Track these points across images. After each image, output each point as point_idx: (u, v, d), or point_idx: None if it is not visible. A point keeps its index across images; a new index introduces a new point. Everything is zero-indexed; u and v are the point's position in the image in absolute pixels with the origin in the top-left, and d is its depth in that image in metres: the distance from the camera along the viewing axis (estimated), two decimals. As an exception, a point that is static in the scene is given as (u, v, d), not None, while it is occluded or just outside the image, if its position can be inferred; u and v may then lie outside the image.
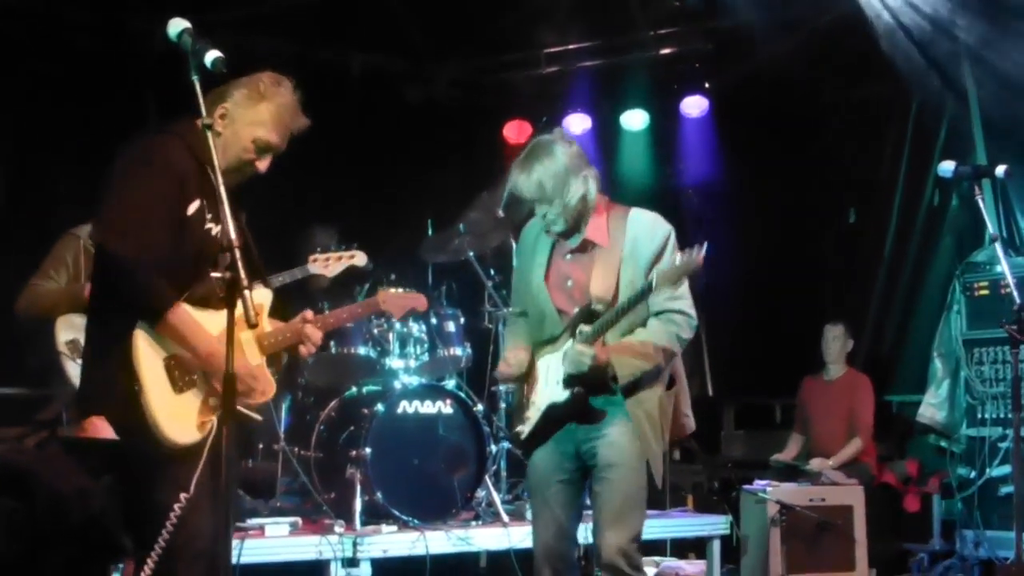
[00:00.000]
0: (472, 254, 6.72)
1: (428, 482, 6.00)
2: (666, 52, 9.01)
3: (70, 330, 5.49)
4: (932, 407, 7.70)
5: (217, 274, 3.57)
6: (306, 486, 6.19)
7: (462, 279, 7.01)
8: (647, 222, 4.21)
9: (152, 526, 3.35)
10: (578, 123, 9.20)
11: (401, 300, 4.84)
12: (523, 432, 4.33)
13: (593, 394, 4.18)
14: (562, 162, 4.15)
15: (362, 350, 6.46)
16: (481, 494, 6.23)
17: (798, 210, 9.08)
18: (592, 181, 4.21)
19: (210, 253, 3.60)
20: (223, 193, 3.32)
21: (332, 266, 5.94)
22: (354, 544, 5.42)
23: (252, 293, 3.19)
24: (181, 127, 3.67)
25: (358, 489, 5.75)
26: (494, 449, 6.36)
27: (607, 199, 4.32)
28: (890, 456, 8.03)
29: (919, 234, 8.55)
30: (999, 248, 5.27)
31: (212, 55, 3.30)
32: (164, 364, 3.53)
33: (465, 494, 6.06)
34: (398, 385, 6.16)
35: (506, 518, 5.98)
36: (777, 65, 8.69)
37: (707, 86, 9.08)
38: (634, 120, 9.41)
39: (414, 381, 6.24)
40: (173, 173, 3.55)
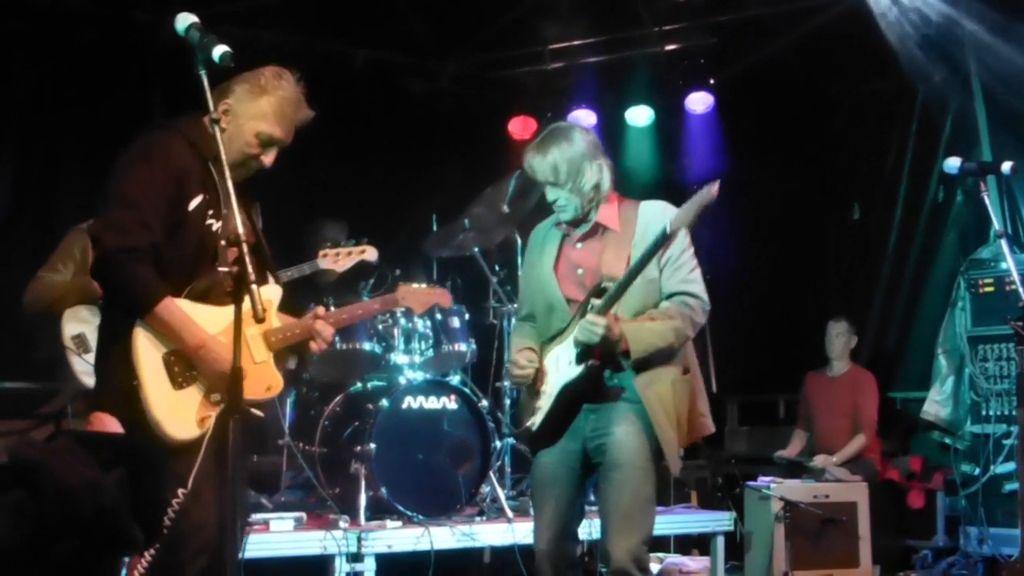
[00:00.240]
0: (477, 249, 6.71)
1: (432, 478, 5.98)
2: (671, 48, 9.00)
3: (76, 325, 5.52)
4: (936, 404, 7.69)
5: (224, 269, 3.57)
6: (311, 481, 6.20)
7: (467, 274, 6.99)
8: (658, 208, 4.16)
9: (158, 520, 3.35)
10: (583, 119, 9.15)
11: (423, 296, 4.70)
12: (535, 423, 4.23)
13: (607, 367, 4.09)
14: (579, 147, 4.15)
15: (367, 346, 6.43)
16: (485, 490, 6.21)
17: (802, 206, 9.07)
18: (606, 170, 4.20)
19: (211, 248, 3.61)
20: (230, 188, 3.32)
21: (342, 261, 5.91)
22: (358, 539, 5.41)
23: (260, 288, 3.18)
24: (183, 123, 3.68)
25: (363, 484, 5.74)
26: (498, 445, 6.34)
27: (618, 194, 4.30)
28: (894, 453, 8.03)
29: (923, 230, 8.54)
30: (1005, 244, 5.27)
31: (220, 49, 3.30)
32: (164, 360, 3.54)
33: (469, 490, 6.04)
34: (403, 380, 6.14)
35: (510, 514, 5.96)
36: (782, 61, 8.69)
37: (712, 82, 9.06)
38: (639, 116, 9.39)
39: (419, 377, 6.22)
40: (172, 169, 3.56)
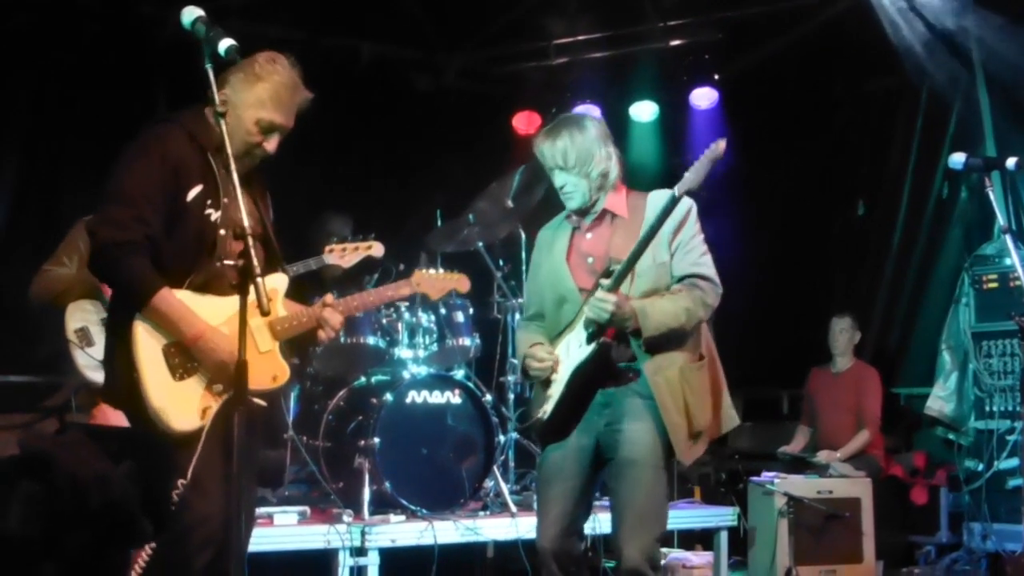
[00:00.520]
0: (481, 244, 6.71)
1: (436, 472, 5.98)
2: (675, 43, 8.99)
3: (80, 318, 5.51)
4: (940, 400, 7.70)
5: (230, 262, 3.57)
6: (315, 475, 6.21)
7: (471, 269, 6.93)
8: (667, 195, 4.08)
9: (166, 512, 3.36)
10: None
11: (440, 282, 4.57)
12: (546, 412, 4.16)
13: (618, 344, 4.04)
14: (590, 135, 4.16)
15: (371, 340, 6.42)
16: (489, 484, 6.21)
17: (806, 202, 9.06)
18: (615, 161, 4.21)
19: (210, 239, 3.60)
20: (235, 179, 3.31)
21: (348, 257, 5.88)
22: (362, 533, 5.41)
23: (266, 279, 3.18)
24: (185, 115, 3.68)
25: (366, 479, 5.74)
26: (502, 439, 6.34)
27: (627, 186, 4.29)
28: (898, 449, 8.03)
29: (928, 226, 8.54)
30: (1009, 240, 5.26)
31: (226, 43, 3.31)
32: (163, 352, 3.54)
33: (473, 484, 6.04)
34: (407, 375, 6.14)
35: (514, 508, 5.96)
36: (787, 57, 8.68)
37: (716, 78, 9.04)
38: (643, 111, 9.37)
39: (423, 371, 6.22)
40: (169, 161, 3.55)
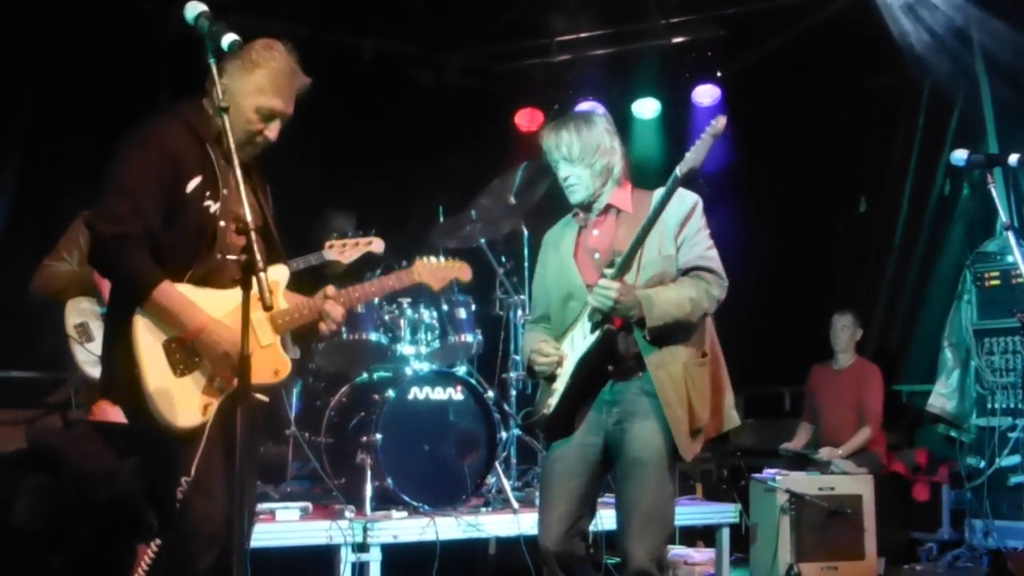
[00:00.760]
0: (483, 241, 6.70)
1: (438, 468, 5.98)
2: (678, 40, 8.99)
3: (79, 314, 5.50)
4: (942, 397, 7.70)
5: (232, 256, 3.57)
6: (317, 471, 6.21)
7: (473, 265, 6.94)
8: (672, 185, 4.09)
9: (171, 508, 3.35)
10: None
11: (441, 271, 4.52)
12: (550, 406, 4.16)
13: (622, 332, 4.03)
14: (598, 130, 4.19)
15: (373, 336, 6.41)
16: (491, 480, 6.21)
17: (808, 199, 9.05)
18: (620, 157, 4.23)
19: (210, 230, 3.59)
20: (238, 172, 3.31)
21: (348, 252, 5.86)
22: (364, 529, 5.41)
23: (267, 272, 3.17)
24: (183, 107, 3.67)
25: (368, 474, 5.73)
26: (504, 436, 6.33)
27: (632, 184, 4.30)
28: (899, 445, 8.03)
29: (929, 223, 8.54)
30: (1012, 237, 5.26)
31: (229, 38, 3.30)
32: (164, 347, 3.52)
33: (475, 480, 6.05)
34: (409, 371, 6.14)
35: (516, 505, 5.96)
36: (789, 54, 8.67)
37: (719, 75, 9.04)
38: (646, 108, 9.37)
39: (425, 367, 6.22)
40: (166, 153, 3.54)
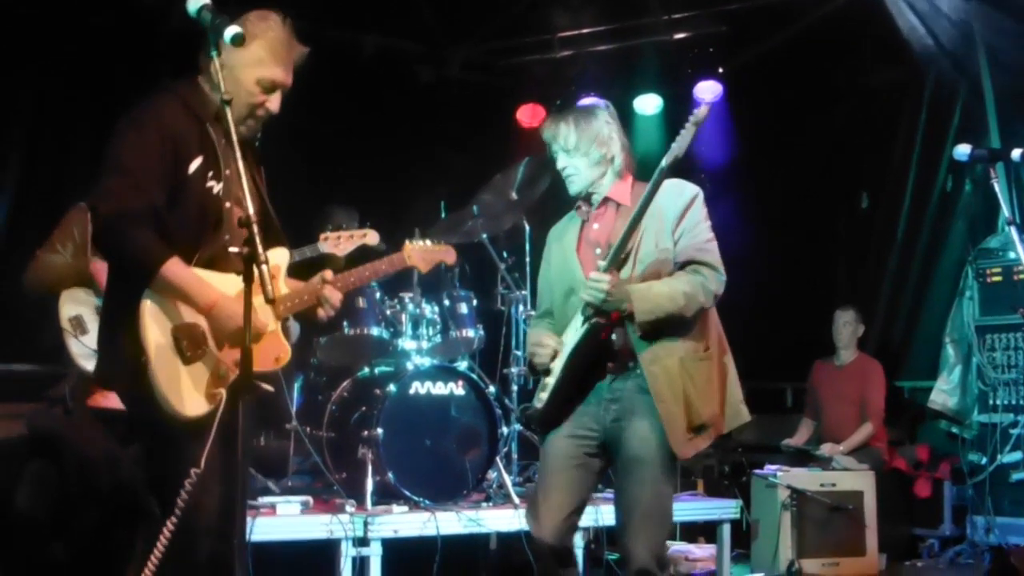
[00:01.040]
0: (485, 236, 6.69)
1: (439, 463, 5.98)
2: (680, 36, 8.99)
3: (74, 306, 5.45)
4: (944, 393, 7.71)
5: (235, 249, 3.53)
6: (318, 466, 6.21)
7: (475, 261, 6.97)
8: (672, 184, 4.12)
9: (170, 496, 3.33)
10: (591, 107, 9.16)
11: (428, 253, 4.60)
12: (542, 399, 4.13)
13: (615, 326, 4.02)
14: (597, 121, 4.21)
15: (375, 331, 6.41)
16: (492, 476, 6.21)
17: (810, 194, 9.05)
18: (621, 150, 4.23)
19: (214, 212, 3.55)
20: (237, 152, 3.28)
21: (343, 245, 5.81)
22: (365, 524, 5.41)
23: (268, 257, 3.14)
24: (180, 85, 3.63)
25: (369, 469, 5.72)
26: (506, 431, 6.34)
27: (634, 178, 4.30)
28: (901, 441, 8.03)
29: (931, 219, 8.54)
30: (1014, 232, 5.24)
31: (232, 30, 3.29)
32: (172, 334, 3.44)
33: (476, 475, 6.04)
34: (410, 366, 6.13)
35: (517, 500, 5.96)
36: (791, 49, 8.67)
37: (721, 70, 9.04)
38: (647, 104, 9.37)
39: (426, 362, 6.21)
40: (166, 132, 3.47)
